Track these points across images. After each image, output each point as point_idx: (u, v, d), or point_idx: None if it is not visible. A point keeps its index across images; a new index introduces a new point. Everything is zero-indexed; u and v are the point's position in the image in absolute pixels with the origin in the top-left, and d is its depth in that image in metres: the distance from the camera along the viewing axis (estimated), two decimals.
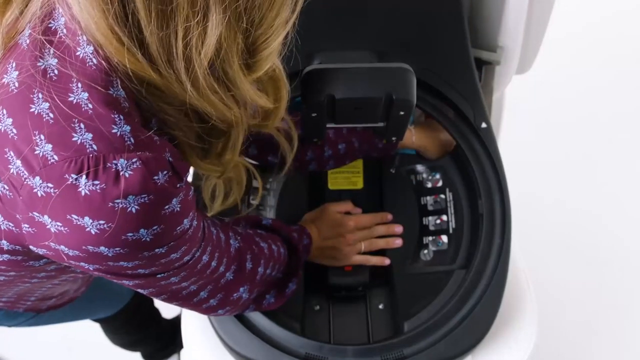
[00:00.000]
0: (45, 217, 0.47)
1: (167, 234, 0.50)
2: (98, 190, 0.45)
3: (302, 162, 0.88)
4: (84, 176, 0.45)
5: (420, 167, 0.96)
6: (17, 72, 0.47)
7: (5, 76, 0.48)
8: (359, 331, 0.88)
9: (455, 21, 0.93)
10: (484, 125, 0.90)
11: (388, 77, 0.73)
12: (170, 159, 0.50)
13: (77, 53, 0.47)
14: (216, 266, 0.62)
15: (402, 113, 0.75)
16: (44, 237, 0.48)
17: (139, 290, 0.59)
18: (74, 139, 0.45)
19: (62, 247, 0.48)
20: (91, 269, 0.51)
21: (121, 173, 0.45)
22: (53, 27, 0.48)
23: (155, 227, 0.48)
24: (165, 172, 0.48)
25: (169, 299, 0.62)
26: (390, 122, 0.79)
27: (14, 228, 0.51)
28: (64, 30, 0.48)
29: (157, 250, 0.50)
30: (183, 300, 0.64)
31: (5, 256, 0.56)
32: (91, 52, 0.47)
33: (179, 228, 0.51)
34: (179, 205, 0.50)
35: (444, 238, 0.91)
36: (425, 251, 0.91)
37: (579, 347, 1.53)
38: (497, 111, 1.16)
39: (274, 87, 0.62)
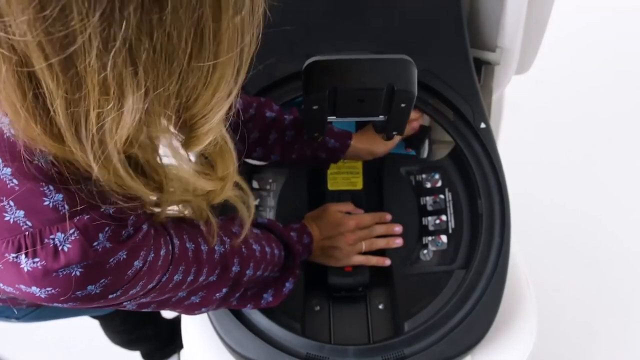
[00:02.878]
0: None
1: (117, 281, 0.49)
2: (39, 267, 0.44)
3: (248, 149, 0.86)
4: (24, 255, 0.44)
5: (419, 168, 0.96)
6: None
7: None
8: (359, 331, 0.89)
9: (454, 21, 0.93)
10: (483, 125, 0.90)
11: (390, 68, 0.73)
12: (111, 210, 0.47)
13: None
14: (194, 278, 0.61)
15: (403, 105, 0.75)
16: (2, 292, 0.49)
17: (117, 308, 0.58)
18: (6, 218, 0.44)
19: (21, 299, 0.49)
20: (59, 305, 0.51)
21: (59, 248, 0.44)
22: None
23: (102, 281, 0.47)
24: (105, 230, 0.46)
25: (148, 309, 0.62)
26: (391, 116, 0.79)
27: None
28: None
29: (110, 296, 0.50)
30: (163, 307, 0.64)
31: None
32: (7, 122, 0.43)
33: (130, 271, 0.50)
34: (125, 254, 0.48)
35: (444, 238, 0.91)
36: (425, 251, 0.91)
37: (579, 347, 1.54)
38: (496, 111, 1.16)
39: (222, 160, 0.54)
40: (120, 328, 1.31)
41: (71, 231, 0.45)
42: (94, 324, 1.29)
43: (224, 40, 0.40)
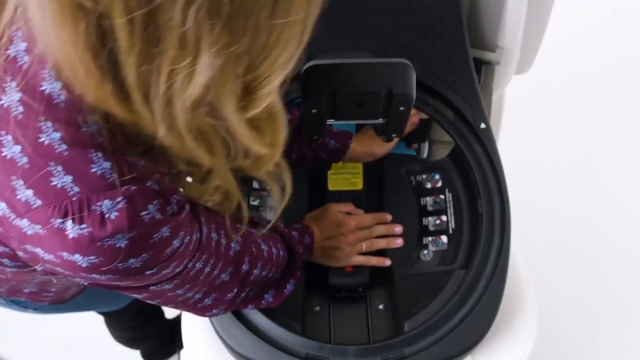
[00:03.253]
0: (38, 249, 0.47)
1: (157, 258, 0.50)
2: (85, 234, 0.44)
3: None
4: (70, 221, 0.44)
5: (419, 168, 0.96)
6: None
7: None
8: (360, 331, 0.89)
9: (454, 21, 0.93)
10: (483, 125, 0.90)
11: (388, 72, 0.74)
12: (156, 186, 0.48)
13: (43, 88, 0.43)
14: (210, 271, 0.62)
15: (401, 108, 0.76)
16: (37, 262, 0.48)
17: (134, 294, 0.59)
18: (53, 183, 0.44)
19: (58, 268, 0.48)
20: (86, 283, 0.52)
21: (106, 215, 0.44)
22: (12, 55, 0.44)
23: (144, 255, 0.48)
24: (153, 203, 0.47)
25: (163, 303, 0.63)
26: (390, 119, 0.79)
27: (10, 251, 0.51)
28: (25, 58, 0.44)
29: (147, 272, 0.50)
30: (177, 304, 0.64)
31: (12, 269, 0.57)
32: (59, 87, 0.43)
33: (168, 250, 0.50)
34: (168, 231, 0.49)
35: (444, 238, 0.91)
36: (425, 251, 0.91)
37: (579, 347, 1.54)
38: (496, 111, 1.16)
39: (272, 128, 0.54)
40: (128, 325, 1.32)
41: (118, 199, 0.45)
42: (95, 323, 1.29)
43: None
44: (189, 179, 0.56)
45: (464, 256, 0.89)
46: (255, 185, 0.95)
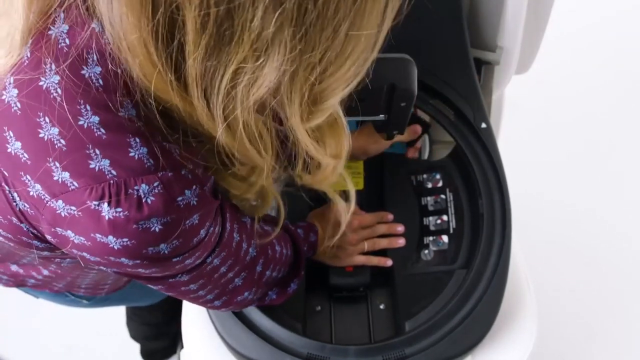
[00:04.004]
0: (69, 232, 0.47)
1: (185, 245, 0.50)
2: (122, 217, 0.45)
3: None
4: (106, 203, 0.44)
5: (420, 168, 0.96)
6: (16, 91, 0.44)
7: (4, 92, 0.44)
8: (360, 331, 0.89)
9: (454, 21, 0.93)
10: (483, 125, 0.90)
11: (390, 67, 0.74)
12: (190, 175, 0.48)
13: (83, 72, 0.43)
14: (225, 272, 0.62)
15: (403, 104, 0.76)
16: (66, 245, 0.49)
17: (149, 285, 0.59)
18: (91, 166, 0.44)
19: (84, 254, 0.49)
20: (109, 270, 0.52)
21: (143, 200, 0.45)
22: (53, 36, 0.44)
23: (175, 241, 0.48)
24: (191, 189, 0.47)
25: (177, 295, 0.64)
26: (391, 115, 0.79)
27: (39, 233, 0.52)
28: (67, 41, 0.44)
29: (174, 259, 0.51)
30: (190, 299, 0.65)
31: (60, 261, 0.57)
32: (99, 72, 0.44)
33: (195, 239, 0.51)
34: (197, 218, 0.49)
35: (445, 238, 0.91)
36: (426, 251, 0.91)
37: (579, 347, 1.54)
38: (496, 111, 1.16)
39: (334, 138, 0.54)
40: (155, 320, 1.35)
41: (155, 184, 0.45)
42: (95, 324, 1.29)
43: (374, 11, 0.41)
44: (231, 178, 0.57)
45: (464, 256, 0.89)
46: None
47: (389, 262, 0.89)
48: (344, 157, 0.56)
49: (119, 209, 0.44)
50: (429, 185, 0.95)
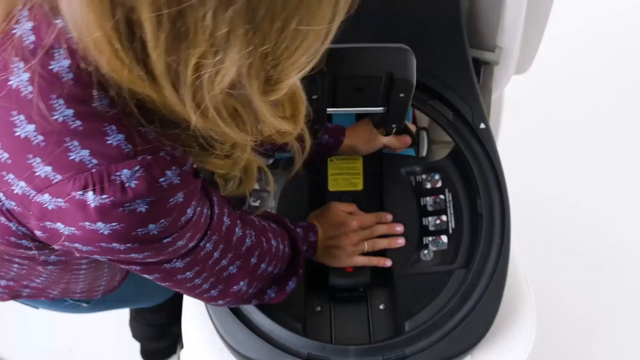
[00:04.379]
0: (59, 224, 0.47)
1: (174, 224, 0.51)
2: (108, 202, 0.46)
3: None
4: (91, 192, 0.45)
5: (419, 168, 0.97)
6: None
7: None
8: (360, 331, 0.89)
9: (453, 21, 0.93)
10: (482, 125, 0.90)
11: (389, 56, 0.74)
12: (168, 157, 0.49)
13: (51, 67, 0.44)
14: (219, 258, 0.63)
15: (402, 95, 0.76)
16: (57, 239, 0.49)
17: (145, 275, 0.60)
18: (71, 157, 0.45)
19: (77, 244, 0.50)
20: (103, 259, 0.53)
21: (126, 184, 0.46)
22: (18, 34, 0.44)
23: (162, 221, 0.49)
24: (171, 169, 0.48)
25: (173, 286, 0.64)
26: (390, 107, 0.79)
27: (29, 232, 0.52)
28: (32, 38, 0.44)
29: (164, 240, 0.52)
30: (186, 290, 0.66)
31: (46, 261, 0.59)
32: (67, 65, 0.44)
33: (183, 218, 0.52)
34: (182, 197, 0.50)
35: (444, 238, 0.91)
36: (426, 251, 0.91)
37: (579, 347, 1.54)
38: (496, 111, 1.17)
39: (292, 107, 0.57)
40: (159, 321, 1.35)
41: (136, 168, 0.46)
42: (95, 325, 1.29)
43: (321, 7, 0.43)
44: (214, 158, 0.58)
45: (464, 256, 0.89)
46: (256, 186, 0.95)
47: (388, 263, 0.89)
48: (302, 120, 0.59)
49: (104, 196, 0.45)
50: (428, 186, 0.95)
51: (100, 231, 0.47)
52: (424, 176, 0.96)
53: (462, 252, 0.89)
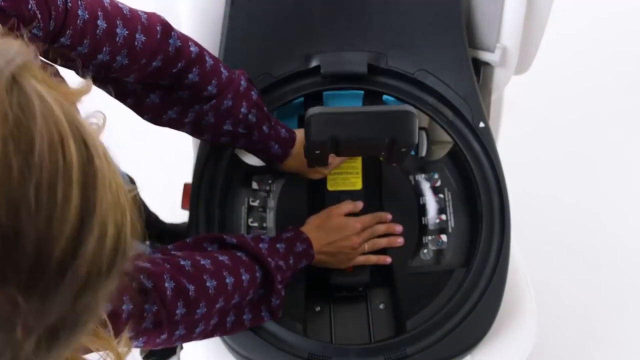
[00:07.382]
0: None
1: None
2: None
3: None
4: None
5: (418, 168, 0.97)
6: None
7: None
8: (361, 331, 0.89)
9: (452, 21, 0.93)
10: (482, 125, 0.90)
11: (391, 121, 0.75)
12: None
13: None
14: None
15: (403, 150, 0.77)
16: None
17: None
18: None
19: None
20: None
21: None
22: None
23: None
24: None
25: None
26: (390, 156, 0.81)
27: None
28: None
29: None
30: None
31: None
32: None
33: None
34: None
35: (444, 237, 0.91)
36: (425, 251, 0.91)
37: (579, 347, 1.54)
38: (496, 111, 1.17)
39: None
40: None
41: None
42: None
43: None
44: None
45: (464, 255, 0.89)
46: (255, 185, 0.95)
47: (388, 260, 0.89)
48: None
49: None
50: (427, 185, 0.95)
51: None
52: (423, 175, 0.96)
53: (462, 251, 0.89)
